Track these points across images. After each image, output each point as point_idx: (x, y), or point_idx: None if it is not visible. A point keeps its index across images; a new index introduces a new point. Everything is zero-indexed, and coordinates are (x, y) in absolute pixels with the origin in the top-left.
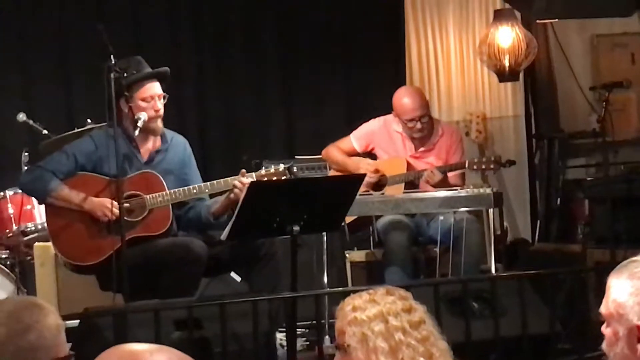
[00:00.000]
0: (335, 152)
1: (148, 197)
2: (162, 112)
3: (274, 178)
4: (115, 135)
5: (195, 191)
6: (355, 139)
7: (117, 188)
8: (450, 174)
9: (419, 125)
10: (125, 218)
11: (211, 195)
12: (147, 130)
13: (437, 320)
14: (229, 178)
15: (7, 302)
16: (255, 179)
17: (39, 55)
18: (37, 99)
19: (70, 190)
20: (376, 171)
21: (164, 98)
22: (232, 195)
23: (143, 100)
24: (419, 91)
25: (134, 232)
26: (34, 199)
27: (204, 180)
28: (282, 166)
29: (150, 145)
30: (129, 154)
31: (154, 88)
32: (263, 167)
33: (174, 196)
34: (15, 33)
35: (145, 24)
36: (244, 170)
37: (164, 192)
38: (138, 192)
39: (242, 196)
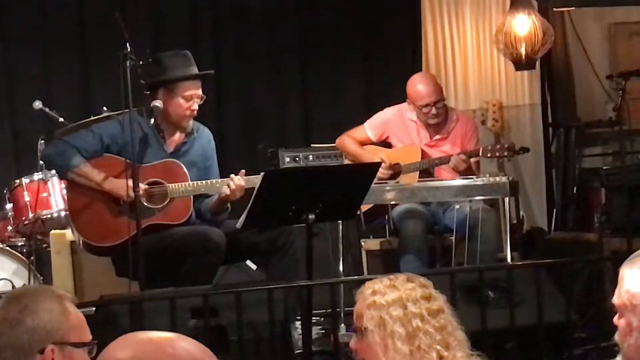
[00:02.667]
0: (349, 142)
1: (170, 185)
2: (195, 112)
3: None
4: (131, 121)
5: (217, 185)
6: (370, 128)
7: (133, 173)
8: None
9: (434, 111)
10: (146, 204)
11: None
12: (176, 126)
13: (452, 309)
14: (253, 177)
15: (16, 289)
16: (243, 184)
17: (56, 43)
18: (53, 87)
19: (93, 168)
20: (390, 167)
21: (201, 99)
22: (222, 195)
23: (184, 98)
24: (432, 77)
25: (153, 219)
26: (56, 183)
27: (220, 169)
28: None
29: (177, 137)
30: (155, 143)
31: (197, 89)
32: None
33: (196, 187)
34: (33, 21)
35: (164, 11)
36: (243, 171)
37: (186, 183)
38: (161, 180)
39: (256, 185)
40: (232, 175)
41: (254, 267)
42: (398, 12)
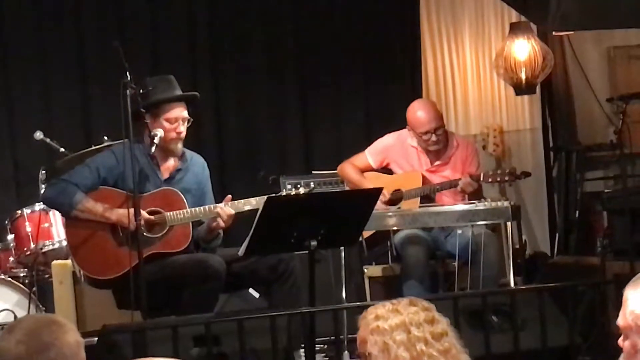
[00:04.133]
0: (350, 169)
1: (168, 214)
2: (183, 135)
3: None
4: (132, 149)
5: (216, 210)
6: (370, 155)
7: (134, 203)
8: None
9: (434, 138)
10: (145, 234)
11: None
12: (166, 151)
13: (456, 332)
14: (252, 199)
15: (27, 319)
16: (232, 212)
17: (56, 73)
18: (54, 117)
19: (95, 202)
20: (389, 201)
21: (188, 122)
22: (214, 224)
23: (167, 121)
24: (432, 104)
25: (154, 248)
26: (57, 213)
27: (221, 197)
28: (302, 190)
29: (172, 163)
30: (149, 171)
31: (180, 111)
32: (284, 190)
33: (194, 214)
34: (34, 52)
35: (164, 41)
36: (229, 197)
37: (184, 210)
38: (159, 209)
39: (258, 212)
40: (221, 206)
41: (256, 295)
42: (397, 38)
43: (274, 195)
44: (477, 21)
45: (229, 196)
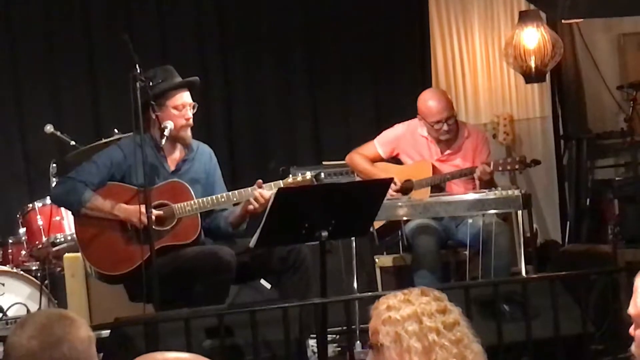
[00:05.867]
0: (359, 159)
1: (176, 206)
2: (192, 121)
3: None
4: (142, 144)
5: (223, 199)
6: (380, 145)
7: (145, 197)
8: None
9: (445, 127)
10: (154, 227)
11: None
12: (176, 139)
13: (468, 321)
14: (254, 187)
15: (39, 314)
16: (273, 190)
17: (65, 66)
18: (64, 110)
19: (104, 200)
20: (400, 189)
21: (194, 107)
22: (250, 207)
23: (175, 108)
24: (443, 93)
25: (163, 241)
26: (67, 210)
27: (232, 188)
28: (309, 174)
29: (178, 154)
30: (157, 163)
31: (186, 97)
32: (290, 175)
33: (202, 204)
34: (42, 45)
35: (172, 34)
36: (260, 181)
37: (192, 201)
38: (166, 202)
39: (268, 204)
40: (260, 181)
41: (268, 286)
42: (406, 28)
43: (284, 186)
44: (487, 10)
45: (260, 180)
